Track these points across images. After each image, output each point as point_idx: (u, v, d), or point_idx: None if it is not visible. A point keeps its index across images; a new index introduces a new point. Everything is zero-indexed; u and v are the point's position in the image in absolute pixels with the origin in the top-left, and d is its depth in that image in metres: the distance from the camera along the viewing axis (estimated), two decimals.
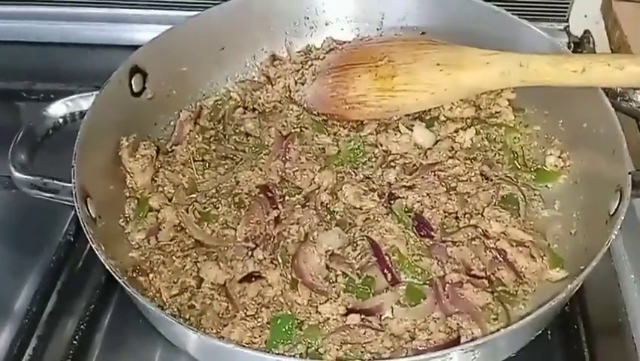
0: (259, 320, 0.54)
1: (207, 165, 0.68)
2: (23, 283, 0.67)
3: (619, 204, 0.51)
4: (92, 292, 0.66)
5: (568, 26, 0.91)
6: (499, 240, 0.58)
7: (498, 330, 0.50)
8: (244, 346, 0.50)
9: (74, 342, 0.62)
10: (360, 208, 0.63)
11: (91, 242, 0.51)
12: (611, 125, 0.57)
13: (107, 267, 0.50)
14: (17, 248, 0.71)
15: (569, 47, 0.89)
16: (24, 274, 0.68)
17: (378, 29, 0.78)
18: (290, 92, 0.75)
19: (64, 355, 0.61)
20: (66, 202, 0.57)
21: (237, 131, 0.72)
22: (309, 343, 0.53)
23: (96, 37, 0.93)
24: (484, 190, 0.63)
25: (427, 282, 0.57)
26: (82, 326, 0.63)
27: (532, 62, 0.59)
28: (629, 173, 0.52)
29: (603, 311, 0.63)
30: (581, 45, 0.89)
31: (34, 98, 0.87)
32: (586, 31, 0.90)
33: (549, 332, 0.59)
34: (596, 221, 0.55)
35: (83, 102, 0.65)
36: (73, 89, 0.84)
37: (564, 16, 0.90)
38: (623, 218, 0.49)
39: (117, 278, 0.49)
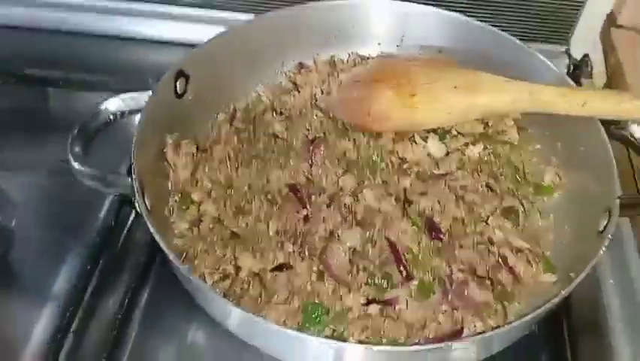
0: (291, 306, 0.62)
1: (240, 163, 0.75)
2: (63, 264, 0.73)
3: (607, 223, 0.60)
4: (130, 274, 0.73)
5: (569, 49, 0.99)
6: (502, 247, 0.66)
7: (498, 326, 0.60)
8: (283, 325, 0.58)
9: (116, 319, 0.69)
10: (379, 210, 0.70)
11: (153, 233, 0.58)
12: (605, 153, 0.65)
13: (168, 255, 0.57)
14: (58, 232, 0.77)
15: (568, 69, 0.98)
16: (64, 257, 0.74)
17: (397, 46, 0.86)
18: (316, 99, 0.82)
19: (106, 330, 0.68)
20: (122, 193, 0.64)
21: (266, 132, 0.79)
22: (334, 327, 0.61)
23: (126, 31, 0.99)
24: (488, 201, 0.71)
25: (436, 279, 0.65)
26: (124, 303, 0.71)
27: (541, 93, 0.67)
28: (618, 197, 0.60)
29: (585, 309, 0.72)
30: (579, 68, 0.97)
31: (70, 87, 0.94)
32: (585, 55, 0.98)
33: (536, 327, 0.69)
34: (585, 235, 0.64)
35: (132, 101, 0.72)
36: (108, 80, 0.93)
37: (566, 39, 0.98)
38: (610, 237, 0.58)
39: (175, 264, 0.57)
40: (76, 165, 0.65)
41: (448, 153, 0.76)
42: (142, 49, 0.98)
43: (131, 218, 0.78)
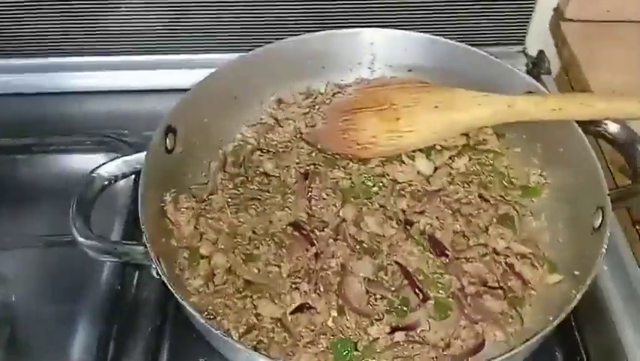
0: (319, 346, 0.64)
1: (239, 208, 0.76)
2: (76, 335, 0.73)
3: (602, 221, 0.64)
4: (146, 336, 0.73)
5: (525, 48, 1.04)
6: (507, 256, 0.69)
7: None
8: None
9: None
10: (383, 235, 0.73)
11: (178, 297, 0.58)
12: (585, 151, 0.69)
13: (195, 314, 0.57)
14: (63, 303, 0.76)
15: (527, 67, 1.03)
16: (76, 328, 0.73)
17: (369, 69, 0.88)
18: (300, 132, 0.84)
19: None
20: (139, 263, 0.64)
21: (258, 172, 0.80)
22: None
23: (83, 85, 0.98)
24: (484, 211, 0.74)
25: (450, 295, 0.68)
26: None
27: (517, 103, 0.71)
28: (608, 194, 0.65)
29: (586, 297, 0.76)
30: (537, 65, 1.02)
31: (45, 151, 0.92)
32: (540, 52, 1.04)
33: None
34: (580, 232, 0.68)
35: (123, 165, 0.71)
36: (84, 140, 0.91)
37: (522, 39, 1.03)
38: (609, 233, 0.62)
39: (203, 322, 0.57)
40: (82, 239, 0.64)
41: (436, 169, 0.79)
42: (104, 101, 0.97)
43: (136, 279, 0.78)
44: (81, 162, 0.89)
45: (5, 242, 0.81)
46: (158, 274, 0.61)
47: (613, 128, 0.71)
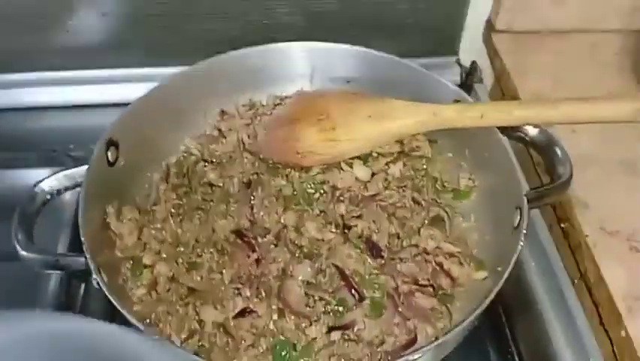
0: (260, 348, 0.66)
1: (182, 218, 0.78)
2: None
3: (520, 220, 0.69)
4: None
5: (459, 59, 1.09)
6: (437, 255, 0.74)
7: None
8: None
9: None
10: (323, 240, 0.76)
11: (119, 307, 0.60)
12: (505, 155, 0.75)
13: (134, 322, 0.59)
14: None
15: (461, 77, 1.08)
16: None
17: (310, 81, 0.92)
18: (243, 143, 0.87)
19: None
20: (79, 274, 0.65)
21: (202, 183, 0.82)
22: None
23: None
24: (417, 213, 0.79)
25: (384, 295, 0.72)
26: None
27: (443, 112, 0.75)
28: (525, 195, 0.70)
29: (515, 291, 0.81)
30: (471, 75, 1.08)
31: None
32: (473, 62, 1.09)
33: None
34: (503, 230, 0.73)
35: (65, 179, 0.73)
36: (30, 155, 0.92)
37: (455, 49, 1.09)
38: (525, 231, 0.67)
39: (142, 329, 0.59)
40: (24, 253, 0.65)
41: (373, 175, 0.83)
42: (51, 116, 0.98)
43: (82, 290, 0.79)
44: (27, 177, 0.89)
45: None
46: (98, 284, 0.63)
47: (532, 132, 0.77)
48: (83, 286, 0.80)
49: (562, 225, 0.85)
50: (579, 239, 0.80)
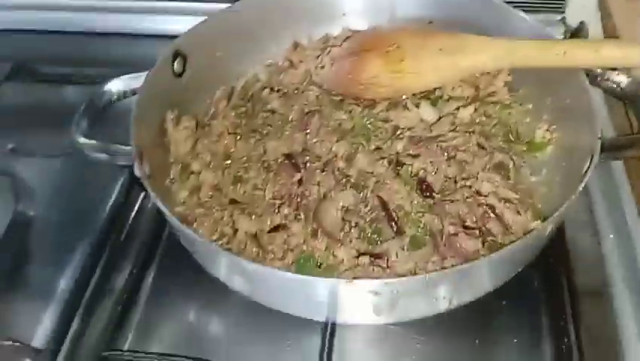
0: (285, 261, 0.65)
1: (239, 137, 0.79)
2: (82, 236, 0.78)
3: (590, 164, 0.60)
4: (139, 250, 0.77)
5: (564, 17, 0.99)
6: (490, 197, 0.67)
7: None
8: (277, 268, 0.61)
9: (124, 294, 0.73)
10: (372, 173, 0.72)
11: (151, 195, 0.61)
12: (588, 101, 0.66)
13: (165, 213, 0.60)
14: (75, 209, 0.82)
15: (564, 37, 0.98)
16: (82, 230, 0.78)
17: (389, 20, 0.88)
18: (311, 75, 0.85)
19: (113, 306, 0.71)
20: (124, 162, 0.68)
21: (265, 108, 0.82)
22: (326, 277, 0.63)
23: (137, 27, 1.05)
24: (479, 158, 0.72)
25: (429, 234, 0.67)
26: (133, 272, 0.74)
27: (520, 48, 0.68)
28: (599, 138, 0.61)
29: (584, 269, 0.72)
30: (576, 35, 0.98)
31: (82, 82, 0.99)
32: (581, 22, 0.99)
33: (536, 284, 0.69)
34: (572, 181, 0.65)
35: (134, 82, 0.76)
36: (118, 74, 0.97)
37: (561, 7, 0.99)
38: (590, 174, 0.59)
39: (174, 222, 0.60)
40: (81, 139, 0.69)
41: (440, 118, 0.78)
42: (138, 43, 1.03)
43: (141, 197, 0.82)
44: None
45: (34, 150, 0.88)
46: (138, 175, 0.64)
47: (623, 81, 0.67)
48: (142, 194, 0.83)
49: None
50: None
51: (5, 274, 0.76)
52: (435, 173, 0.72)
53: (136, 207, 0.82)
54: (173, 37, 0.82)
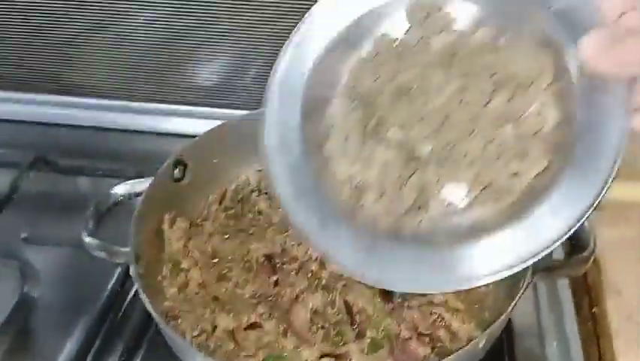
0: (256, 358, 0.73)
1: (227, 236, 0.89)
2: (79, 322, 0.87)
3: (523, 284, 0.70)
4: (130, 334, 0.86)
5: None
6: (441, 307, 0.76)
7: None
8: None
9: None
10: (341, 276, 0.81)
11: (140, 292, 0.71)
12: None
13: (151, 311, 0.69)
14: (74, 295, 0.92)
15: None
16: (80, 313, 0.88)
17: None
18: None
19: None
20: (122, 262, 0.78)
21: (252, 210, 0.93)
22: None
23: (143, 125, 1.19)
24: None
25: (385, 337, 0.75)
26: (124, 355, 0.83)
27: None
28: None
29: None
30: None
31: (95, 174, 1.11)
32: None
33: None
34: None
35: (138, 185, 0.87)
36: (128, 168, 1.09)
37: None
38: (521, 293, 0.68)
39: (158, 319, 0.69)
40: (87, 238, 0.79)
41: None
42: (151, 140, 1.16)
43: (134, 288, 0.92)
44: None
45: (44, 238, 0.98)
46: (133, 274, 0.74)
47: None
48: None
49: (593, 309, 0.83)
50: (604, 326, 0.78)
51: (8, 350, 0.85)
52: None
53: (130, 295, 0.91)
54: (177, 135, 0.93)
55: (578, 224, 0.53)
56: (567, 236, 0.53)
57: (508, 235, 0.56)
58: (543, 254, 0.54)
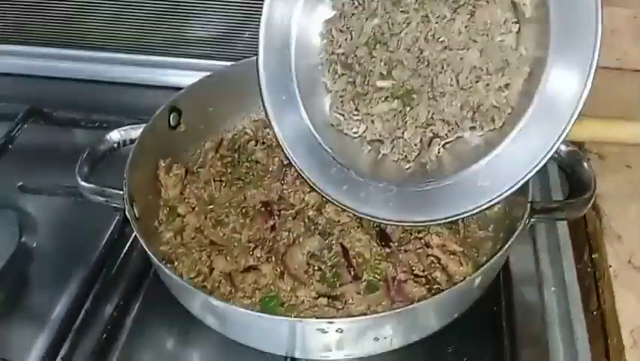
0: (253, 299, 0.73)
1: (224, 184, 0.88)
2: (77, 267, 0.87)
3: (520, 224, 0.69)
4: (128, 281, 0.85)
5: None
6: (437, 249, 0.75)
7: None
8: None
9: (110, 322, 0.80)
10: (338, 222, 0.81)
11: (136, 233, 0.70)
12: None
13: (148, 253, 0.69)
14: (72, 244, 0.91)
15: None
16: (78, 262, 0.87)
17: None
18: None
19: (100, 333, 0.78)
20: (117, 205, 0.77)
21: (249, 159, 0.92)
22: (287, 315, 0.71)
23: (139, 78, 1.17)
24: None
25: (382, 280, 0.75)
26: (121, 303, 0.83)
27: None
28: (530, 201, 0.70)
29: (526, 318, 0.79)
30: None
31: (90, 126, 1.10)
32: None
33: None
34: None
35: (133, 132, 0.86)
36: (123, 120, 1.07)
37: None
38: (519, 231, 0.67)
39: (155, 261, 0.69)
40: (81, 182, 0.79)
41: None
42: (146, 93, 1.14)
43: (132, 235, 0.91)
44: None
45: (40, 187, 0.98)
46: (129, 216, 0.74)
47: (562, 148, 0.76)
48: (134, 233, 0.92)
49: (593, 255, 0.82)
50: (603, 270, 0.77)
51: (6, 299, 0.85)
52: (394, 226, 0.80)
53: (128, 244, 0.91)
54: (174, 88, 0.92)
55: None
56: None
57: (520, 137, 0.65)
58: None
